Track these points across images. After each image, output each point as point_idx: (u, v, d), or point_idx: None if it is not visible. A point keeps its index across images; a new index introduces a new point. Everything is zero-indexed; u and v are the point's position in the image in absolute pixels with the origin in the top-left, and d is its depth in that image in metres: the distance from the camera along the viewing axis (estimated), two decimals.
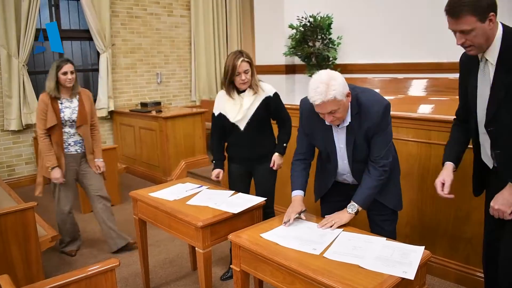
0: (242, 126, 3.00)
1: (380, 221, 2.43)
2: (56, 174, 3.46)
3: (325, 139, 2.34)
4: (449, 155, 2.20)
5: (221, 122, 3.07)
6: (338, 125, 2.25)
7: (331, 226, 2.20)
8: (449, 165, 2.17)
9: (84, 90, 3.64)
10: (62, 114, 3.45)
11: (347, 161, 2.34)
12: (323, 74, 2.10)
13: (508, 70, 1.82)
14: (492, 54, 1.86)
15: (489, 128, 1.93)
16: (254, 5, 7.12)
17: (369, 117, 2.19)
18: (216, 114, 3.10)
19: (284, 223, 2.28)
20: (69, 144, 3.55)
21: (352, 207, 2.25)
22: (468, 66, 2.02)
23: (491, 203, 1.95)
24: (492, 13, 1.77)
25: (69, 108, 3.49)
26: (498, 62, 1.85)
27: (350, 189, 2.39)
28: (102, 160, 3.74)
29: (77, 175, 3.67)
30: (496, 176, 2.02)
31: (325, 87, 2.04)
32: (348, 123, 2.22)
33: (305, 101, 2.36)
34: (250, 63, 2.91)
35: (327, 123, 2.25)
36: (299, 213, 2.32)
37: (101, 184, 3.75)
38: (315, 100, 2.07)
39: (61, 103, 3.47)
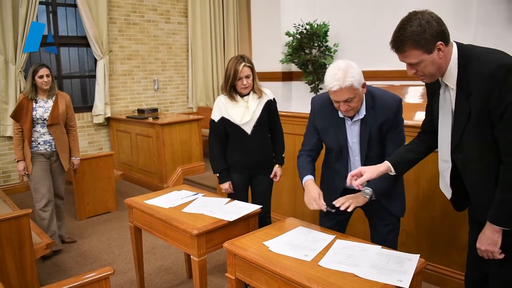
0: (249, 130, 2.95)
1: (386, 232, 2.37)
2: (20, 167, 3.79)
3: (337, 133, 2.32)
4: (392, 158, 2.15)
5: (223, 127, 2.99)
6: (351, 118, 2.26)
7: (348, 206, 2.20)
8: (384, 164, 2.13)
9: (62, 93, 3.96)
10: (34, 112, 3.73)
11: (358, 157, 2.31)
12: (341, 62, 2.13)
13: (467, 96, 1.75)
14: (451, 79, 1.81)
15: (459, 156, 1.86)
16: (251, 12, 7.15)
17: (385, 111, 2.22)
18: (216, 120, 2.99)
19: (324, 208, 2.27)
20: (39, 143, 3.80)
21: (367, 192, 2.23)
22: (433, 86, 1.97)
23: (477, 245, 1.88)
24: (439, 42, 1.72)
25: (42, 108, 3.76)
26: (458, 86, 1.79)
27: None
28: (78, 158, 4.13)
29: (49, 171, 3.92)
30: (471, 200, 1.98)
31: (343, 73, 2.06)
32: (363, 115, 2.23)
33: (316, 98, 2.44)
34: (252, 68, 2.91)
35: (340, 115, 2.27)
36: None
37: (60, 182, 4.03)
38: (333, 86, 2.08)
39: (36, 103, 3.77)
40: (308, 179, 2.40)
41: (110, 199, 5.02)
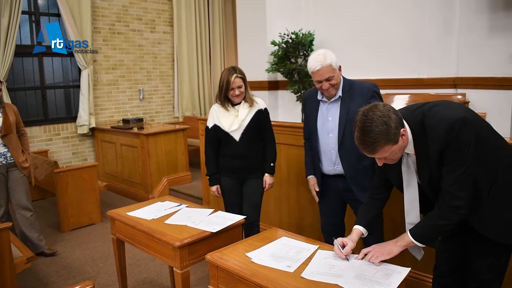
0: (237, 137, 3.07)
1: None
2: None
3: (313, 113, 2.73)
4: (360, 221, 2.17)
5: (215, 133, 3.13)
6: (330, 99, 2.63)
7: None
8: (355, 231, 2.15)
9: (9, 104, 3.98)
10: None
11: (333, 134, 2.62)
12: (320, 50, 2.57)
13: (427, 158, 1.85)
14: (409, 147, 1.90)
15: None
16: (237, 21, 7.16)
17: (362, 91, 2.58)
18: (210, 127, 3.16)
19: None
20: None
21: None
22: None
23: (374, 246, 1.99)
24: (402, 129, 1.80)
25: None
26: (416, 151, 1.89)
27: (343, 194, 2.70)
28: (25, 158, 3.97)
29: (6, 183, 3.88)
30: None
31: (323, 56, 2.50)
32: (338, 96, 2.60)
33: (306, 92, 2.92)
34: (243, 79, 3.05)
35: (319, 97, 2.67)
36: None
37: (22, 194, 3.93)
38: (316, 66, 2.49)
39: None
40: (311, 177, 2.87)
41: (94, 210, 4.95)
